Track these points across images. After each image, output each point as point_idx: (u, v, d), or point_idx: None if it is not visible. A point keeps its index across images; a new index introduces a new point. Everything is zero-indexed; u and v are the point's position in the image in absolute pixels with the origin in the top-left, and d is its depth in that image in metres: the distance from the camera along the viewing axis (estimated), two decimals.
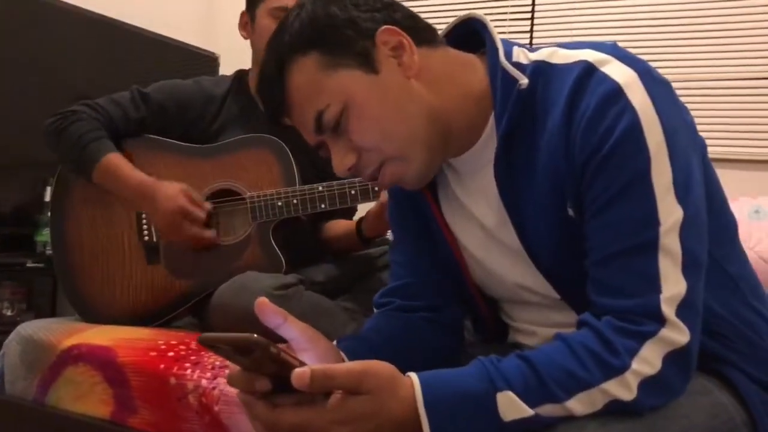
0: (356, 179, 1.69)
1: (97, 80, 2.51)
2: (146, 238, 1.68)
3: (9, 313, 2.14)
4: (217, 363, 1.35)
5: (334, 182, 1.69)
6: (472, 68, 0.92)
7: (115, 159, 1.64)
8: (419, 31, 0.90)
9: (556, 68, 0.86)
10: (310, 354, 0.79)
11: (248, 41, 1.84)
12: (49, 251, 2.16)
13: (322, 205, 1.67)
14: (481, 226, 0.96)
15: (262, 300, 0.77)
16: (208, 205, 1.65)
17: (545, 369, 0.75)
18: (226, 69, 2.99)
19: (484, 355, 1.07)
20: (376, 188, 1.68)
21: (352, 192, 1.67)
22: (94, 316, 1.68)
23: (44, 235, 2.17)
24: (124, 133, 1.71)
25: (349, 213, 1.91)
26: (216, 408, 1.26)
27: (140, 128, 1.72)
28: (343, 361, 0.85)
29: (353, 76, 0.87)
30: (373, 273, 1.83)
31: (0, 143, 2.28)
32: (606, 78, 0.80)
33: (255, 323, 1.53)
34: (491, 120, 0.91)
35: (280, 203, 1.67)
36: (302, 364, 0.71)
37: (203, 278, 1.67)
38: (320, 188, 1.68)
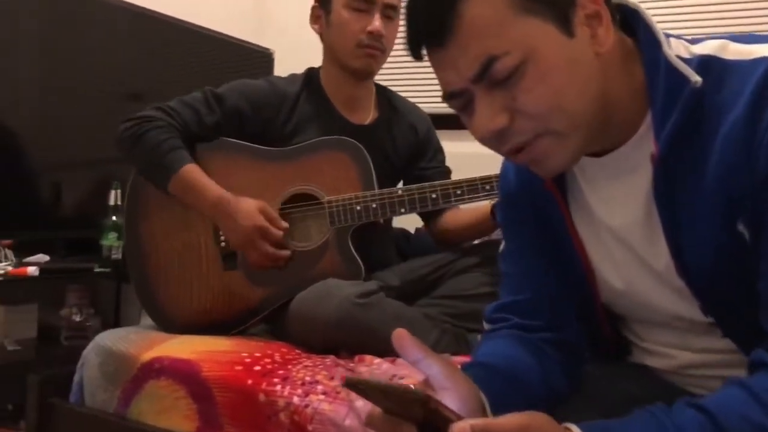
0: (437, 182, 1.63)
1: (152, 78, 2.48)
2: (223, 243, 1.64)
3: (77, 318, 2.13)
4: (307, 378, 1.30)
5: (414, 186, 1.63)
6: (634, 58, 0.82)
7: (192, 171, 1.59)
8: (611, 7, 0.80)
9: (731, 65, 0.76)
10: (451, 393, 0.73)
11: (301, 37, 1.80)
12: (114, 255, 2.15)
13: (402, 210, 1.62)
14: (618, 239, 0.88)
15: (402, 332, 0.70)
16: (284, 224, 1.61)
17: (728, 423, 0.67)
18: (281, 66, 2.94)
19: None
20: (458, 191, 1.61)
21: (433, 196, 1.61)
22: (169, 322, 1.65)
23: (110, 239, 2.14)
24: (199, 138, 1.66)
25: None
26: (310, 427, 1.21)
27: (215, 132, 1.67)
28: (481, 397, 0.79)
29: (546, 31, 0.74)
30: (449, 278, 1.75)
31: (61, 147, 2.27)
32: None
33: (338, 332, 1.50)
34: (647, 120, 0.81)
35: (358, 208, 1.62)
36: (459, 417, 0.65)
37: (281, 285, 1.62)
38: (399, 192, 1.62)
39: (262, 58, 2.97)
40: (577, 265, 0.93)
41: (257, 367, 1.36)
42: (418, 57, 0.80)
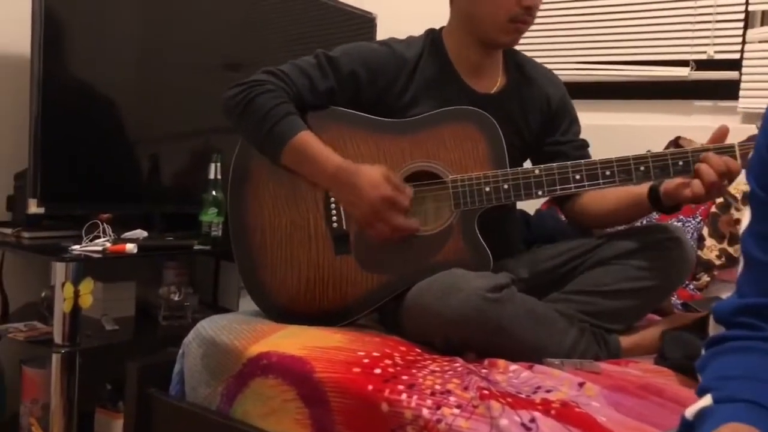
0: (582, 161, 1.41)
1: (251, 46, 2.35)
2: (335, 224, 1.48)
3: (176, 297, 2.02)
4: (437, 387, 1.13)
5: (554, 164, 1.42)
6: None
7: (308, 138, 1.42)
8: None
9: None
10: None
11: (404, 1, 1.60)
12: (214, 232, 2.03)
13: (539, 192, 1.41)
14: None
15: None
16: (410, 191, 1.41)
17: None
18: (383, 30, 2.76)
19: None
20: (608, 172, 1.39)
21: (577, 176, 1.39)
22: (274, 308, 1.50)
23: (209, 215, 2.02)
24: (311, 106, 1.49)
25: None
26: None
27: (328, 100, 1.50)
28: None
29: None
30: (585, 270, 1.53)
31: (160, 119, 2.16)
32: None
33: (464, 330, 1.31)
34: None
35: (488, 189, 1.42)
36: None
37: (397, 274, 1.45)
38: (537, 171, 1.41)
39: (364, 22, 2.78)
40: None
41: (377, 370, 1.19)
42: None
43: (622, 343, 1.49)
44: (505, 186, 1.41)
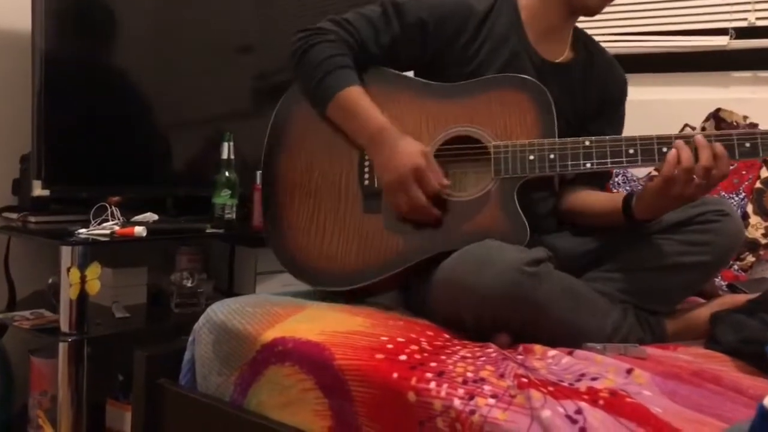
0: (636, 135, 1.29)
1: (264, 28, 2.25)
2: (367, 182, 1.42)
3: (189, 284, 1.93)
4: (469, 375, 1.02)
5: (606, 137, 1.31)
6: None
7: (357, 93, 1.39)
8: None
9: None
10: None
11: None
12: (228, 215, 1.93)
13: (587, 164, 1.30)
14: None
15: None
16: (445, 182, 1.35)
17: None
18: None
19: None
20: (664, 149, 1.26)
21: (630, 151, 1.28)
22: (294, 263, 1.45)
23: (223, 197, 1.93)
24: (372, 59, 1.46)
25: (600, 177, 1.55)
26: None
27: (391, 49, 1.45)
28: None
29: None
30: (625, 247, 1.41)
31: (170, 99, 2.07)
32: None
33: (499, 307, 1.18)
34: None
35: (532, 157, 1.32)
36: None
37: (427, 239, 1.36)
38: (587, 143, 1.30)
39: None
40: None
41: (403, 357, 1.09)
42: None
43: (668, 327, 1.38)
44: (551, 156, 1.31)
